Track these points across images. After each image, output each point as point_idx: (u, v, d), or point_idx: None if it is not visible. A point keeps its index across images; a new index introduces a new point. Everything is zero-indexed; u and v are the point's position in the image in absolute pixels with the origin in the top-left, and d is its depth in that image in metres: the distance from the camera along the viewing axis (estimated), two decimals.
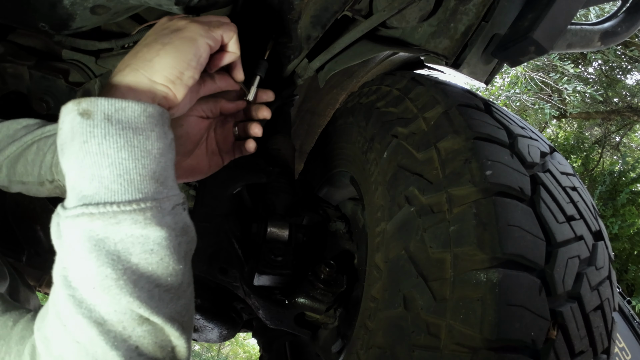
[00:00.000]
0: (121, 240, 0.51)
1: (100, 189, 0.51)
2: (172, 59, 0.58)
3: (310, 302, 0.99)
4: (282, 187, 1.10)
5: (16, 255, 1.37)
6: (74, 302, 0.51)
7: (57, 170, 0.85)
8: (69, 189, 0.53)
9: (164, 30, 0.61)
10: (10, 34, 1.15)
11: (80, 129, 0.51)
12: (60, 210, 0.53)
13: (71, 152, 0.52)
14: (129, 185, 0.52)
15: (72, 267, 0.52)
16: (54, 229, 0.53)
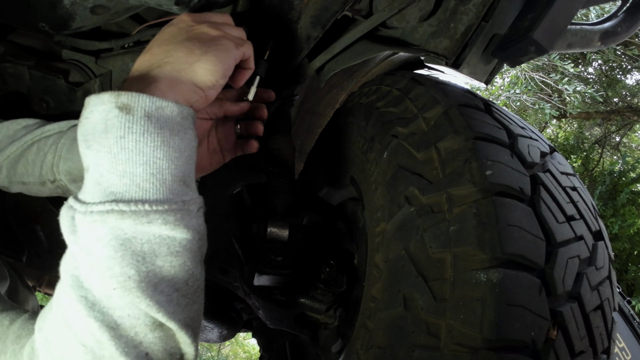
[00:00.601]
0: (148, 240, 0.50)
1: (131, 187, 0.49)
2: (213, 66, 0.58)
3: (310, 302, 0.99)
4: (282, 187, 1.10)
5: (16, 255, 1.37)
6: (86, 304, 0.49)
7: (58, 171, 0.85)
8: (92, 183, 0.50)
9: (196, 33, 0.60)
10: (10, 34, 1.15)
11: (118, 123, 0.49)
12: (77, 204, 0.50)
13: (102, 145, 0.49)
14: (161, 185, 0.50)
15: (87, 266, 0.50)
16: (67, 223, 0.50)
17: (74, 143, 0.85)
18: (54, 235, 1.24)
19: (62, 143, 0.86)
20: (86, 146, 0.51)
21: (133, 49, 1.12)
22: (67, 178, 0.85)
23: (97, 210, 0.48)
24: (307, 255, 1.05)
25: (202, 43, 0.58)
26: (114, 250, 0.48)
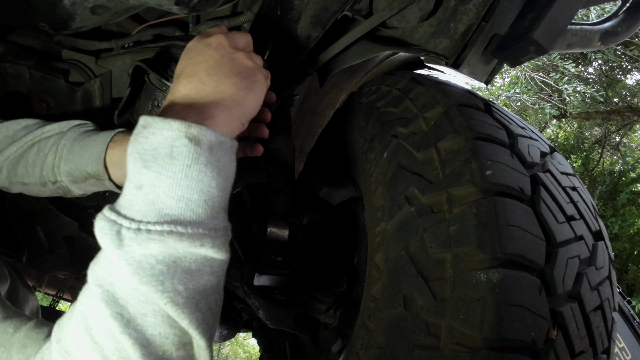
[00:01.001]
0: (195, 260, 0.53)
1: (186, 211, 0.53)
2: (255, 105, 0.64)
3: (310, 302, 0.99)
4: (282, 187, 1.10)
5: (16, 255, 1.37)
6: (121, 321, 0.51)
7: (59, 172, 0.85)
8: (146, 202, 0.53)
9: (238, 65, 0.64)
10: (10, 34, 1.14)
11: (187, 153, 0.53)
12: (123, 220, 0.52)
13: (165, 169, 0.53)
14: (211, 212, 0.55)
15: (128, 283, 0.51)
16: (112, 237, 0.51)
17: (74, 144, 0.85)
18: (54, 235, 1.24)
19: (62, 144, 0.85)
20: (143, 165, 0.53)
21: (133, 49, 1.12)
22: (68, 179, 0.85)
23: (154, 230, 0.51)
24: (307, 255, 1.05)
25: (245, 79, 0.63)
26: (167, 266, 0.51)
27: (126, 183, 0.55)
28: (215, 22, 1.05)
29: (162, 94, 1.01)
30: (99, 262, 0.54)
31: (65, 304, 2.47)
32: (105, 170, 0.82)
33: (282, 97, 1.17)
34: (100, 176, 0.83)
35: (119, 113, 1.05)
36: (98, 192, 1.18)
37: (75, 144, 0.85)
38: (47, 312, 1.69)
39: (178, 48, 1.07)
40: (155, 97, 1.03)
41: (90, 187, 0.87)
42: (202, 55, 0.64)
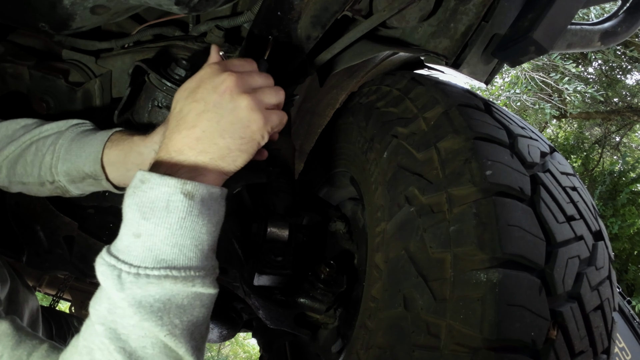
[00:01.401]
0: (187, 296, 0.60)
1: (179, 256, 0.59)
2: (246, 160, 0.67)
3: (310, 302, 0.99)
4: (282, 187, 1.10)
5: (16, 255, 1.37)
6: (124, 354, 0.57)
7: (57, 172, 0.85)
8: (143, 248, 0.58)
9: (238, 119, 0.64)
10: (10, 34, 1.14)
11: (182, 207, 0.59)
12: (122, 265, 0.58)
13: (162, 221, 0.58)
14: (201, 255, 0.61)
15: (129, 320, 0.57)
16: (113, 281, 0.57)
17: (72, 144, 0.85)
18: (54, 235, 1.24)
19: (60, 144, 0.85)
20: (142, 217, 0.59)
21: (133, 48, 1.12)
22: (66, 179, 0.85)
23: (152, 275, 0.57)
24: (307, 255, 1.05)
25: (241, 139, 0.65)
26: (163, 304, 0.58)
27: (123, 230, 0.60)
28: (215, 22, 1.05)
29: (162, 94, 1.01)
30: (99, 301, 0.60)
31: (65, 303, 2.47)
32: (102, 170, 0.82)
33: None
34: (97, 176, 0.83)
35: (118, 113, 1.05)
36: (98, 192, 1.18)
37: (72, 144, 0.85)
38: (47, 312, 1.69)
39: (178, 48, 1.07)
40: (155, 97, 1.03)
41: (88, 187, 0.87)
42: (206, 102, 0.64)
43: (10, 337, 0.68)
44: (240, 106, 0.64)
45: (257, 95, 0.66)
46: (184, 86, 0.68)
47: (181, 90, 0.68)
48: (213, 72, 0.66)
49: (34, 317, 1.34)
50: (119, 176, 0.84)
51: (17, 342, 0.68)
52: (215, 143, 0.63)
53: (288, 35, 0.90)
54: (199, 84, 0.66)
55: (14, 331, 0.69)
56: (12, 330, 0.69)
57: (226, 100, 0.64)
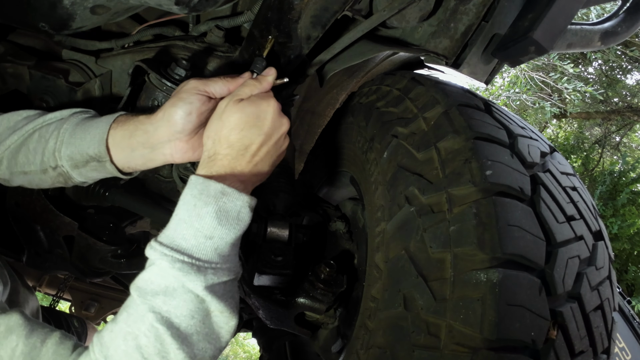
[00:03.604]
0: (224, 285, 0.72)
1: (235, 257, 0.75)
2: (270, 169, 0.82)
3: (310, 302, 0.99)
4: (282, 187, 1.10)
5: (16, 255, 1.37)
6: (179, 339, 0.66)
7: (60, 156, 0.84)
8: (213, 249, 0.70)
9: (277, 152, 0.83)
10: (10, 34, 1.14)
11: (246, 218, 0.75)
12: (203, 263, 0.69)
13: (233, 228, 0.72)
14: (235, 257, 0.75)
15: (182, 309, 0.67)
16: (194, 276, 0.68)
17: (76, 128, 0.85)
18: (54, 235, 1.24)
19: (64, 128, 0.85)
20: (218, 222, 0.71)
21: (133, 48, 1.12)
22: (69, 163, 0.84)
23: (219, 268, 0.71)
24: (307, 255, 1.05)
25: (278, 159, 0.83)
26: (227, 292, 0.73)
27: (194, 233, 0.70)
28: (215, 22, 1.05)
29: (162, 94, 1.01)
30: (153, 291, 0.67)
31: (65, 303, 2.47)
32: (107, 152, 0.82)
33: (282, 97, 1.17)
34: (101, 158, 0.82)
35: None
36: (99, 192, 1.18)
37: (77, 128, 0.85)
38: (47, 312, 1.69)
39: (178, 48, 1.07)
40: (155, 97, 1.03)
41: (91, 172, 0.86)
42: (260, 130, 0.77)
43: (23, 327, 0.69)
44: (283, 136, 0.83)
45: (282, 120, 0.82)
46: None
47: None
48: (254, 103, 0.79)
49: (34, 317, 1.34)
50: (123, 158, 0.83)
51: (31, 331, 0.69)
52: (264, 167, 0.80)
53: (288, 35, 0.90)
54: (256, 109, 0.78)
55: (25, 321, 0.71)
56: (23, 320, 0.71)
57: (278, 136, 0.81)
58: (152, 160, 0.83)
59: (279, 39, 0.91)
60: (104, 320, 2.45)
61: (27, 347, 0.68)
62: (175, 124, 0.78)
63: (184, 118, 0.78)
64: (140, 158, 0.83)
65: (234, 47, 1.08)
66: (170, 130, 0.79)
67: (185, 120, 0.78)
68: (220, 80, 0.81)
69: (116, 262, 1.26)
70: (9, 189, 1.20)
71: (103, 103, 1.15)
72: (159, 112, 0.80)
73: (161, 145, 0.81)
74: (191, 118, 0.78)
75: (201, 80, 0.81)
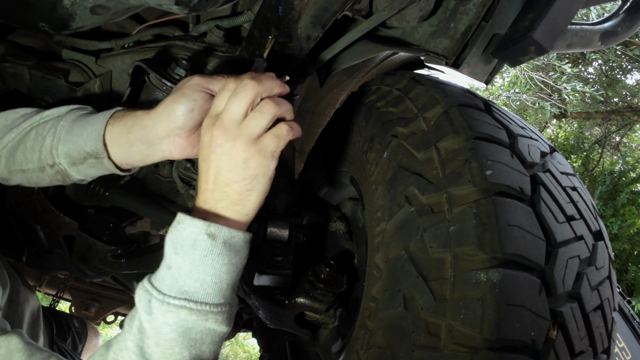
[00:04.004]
0: (201, 331, 0.67)
1: (199, 290, 0.67)
2: (258, 192, 0.72)
3: (310, 302, 0.99)
4: (282, 187, 1.10)
5: (16, 255, 1.37)
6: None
7: (57, 153, 0.83)
8: (171, 279, 0.68)
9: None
10: (10, 34, 1.14)
11: (205, 245, 0.67)
12: (154, 291, 0.67)
13: (188, 256, 0.67)
14: (219, 292, 0.68)
15: (153, 341, 0.66)
16: (144, 304, 0.67)
17: (73, 124, 0.84)
18: (54, 235, 1.24)
19: (61, 125, 0.84)
20: (174, 252, 0.69)
21: (133, 48, 1.12)
22: (67, 161, 0.84)
23: (173, 303, 0.65)
24: (307, 255, 1.05)
25: (245, 180, 0.70)
26: (177, 334, 0.65)
27: (162, 262, 0.70)
28: (215, 22, 1.05)
29: (162, 94, 1.01)
30: (133, 320, 0.69)
31: (65, 303, 2.47)
32: (104, 148, 0.81)
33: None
34: (99, 154, 0.82)
35: None
36: (99, 192, 1.18)
37: (74, 125, 0.84)
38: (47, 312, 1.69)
39: (178, 48, 1.07)
40: (155, 97, 1.03)
41: (89, 169, 0.85)
42: (208, 161, 0.71)
43: (22, 352, 0.70)
44: (231, 154, 0.70)
45: (244, 131, 0.69)
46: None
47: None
48: (205, 132, 0.73)
49: (35, 316, 1.34)
50: (121, 154, 0.83)
51: (30, 356, 0.70)
52: (225, 191, 0.71)
53: (288, 35, 0.90)
54: (202, 145, 0.73)
55: (25, 345, 0.71)
56: (22, 344, 0.71)
57: (218, 154, 0.70)
58: (150, 156, 0.83)
59: (279, 39, 0.91)
60: (104, 320, 2.45)
61: None
62: (176, 120, 0.78)
63: (185, 114, 0.78)
64: (138, 154, 0.82)
65: (234, 47, 1.08)
66: (170, 126, 0.78)
67: (186, 117, 0.78)
68: (223, 79, 0.80)
69: (116, 262, 1.26)
70: (8, 188, 1.20)
71: (103, 103, 1.15)
72: (159, 107, 0.80)
73: (159, 141, 0.80)
74: (193, 115, 0.78)
75: (205, 77, 0.80)
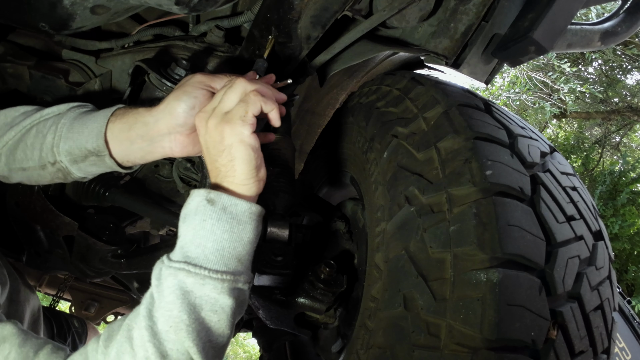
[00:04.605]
0: (200, 296, 0.67)
1: (200, 255, 0.68)
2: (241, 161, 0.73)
3: (310, 302, 0.99)
4: (282, 187, 1.10)
5: (16, 255, 1.37)
6: (150, 332, 0.65)
7: (58, 151, 0.83)
8: (178, 246, 0.70)
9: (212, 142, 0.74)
10: (10, 34, 1.14)
11: (204, 210, 0.69)
12: (166, 259, 0.69)
13: (191, 223, 0.69)
14: (220, 259, 0.68)
15: (158, 305, 0.66)
16: (156, 272, 0.69)
17: (74, 122, 0.84)
18: (54, 235, 1.24)
19: (62, 123, 0.84)
20: (182, 222, 0.71)
21: (133, 48, 1.12)
22: (68, 159, 0.84)
23: (174, 266, 0.67)
24: (307, 255, 1.05)
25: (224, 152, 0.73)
26: (175, 297, 0.66)
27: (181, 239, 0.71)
28: (215, 22, 1.05)
29: (162, 94, 1.01)
30: (148, 291, 0.70)
31: (65, 303, 2.47)
32: (105, 145, 0.81)
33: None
34: (100, 152, 0.82)
35: None
36: (99, 192, 1.18)
37: (75, 122, 0.84)
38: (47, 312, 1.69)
39: (178, 48, 1.07)
40: (155, 97, 1.03)
41: (90, 166, 0.85)
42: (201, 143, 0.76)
43: (16, 336, 0.71)
44: (209, 131, 0.73)
45: (216, 111, 0.74)
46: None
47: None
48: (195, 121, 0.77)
49: (35, 316, 1.34)
50: (122, 151, 0.83)
51: (24, 340, 0.71)
52: (215, 167, 0.74)
53: (288, 35, 0.90)
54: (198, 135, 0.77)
55: (19, 331, 0.72)
56: (17, 330, 0.72)
57: (203, 136, 0.75)
58: (151, 153, 0.83)
59: (279, 39, 0.91)
60: (104, 320, 2.45)
61: (20, 355, 0.69)
62: (178, 117, 0.78)
63: (186, 112, 0.78)
64: (139, 151, 0.82)
65: (234, 47, 1.08)
66: (171, 123, 0.79)
67: (187, 114, 0.78)
68: (225, 78, 0.81)
69: (116, 262, 1.26)
70: (9, 188, 1.21)
71: (103, 103, 1.15)
72: (161, 105, 0.80)
73: (160, 138, 0.81)
74: (194, 112, 0.78)
75: (207, 75, 0.81)
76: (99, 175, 0.90)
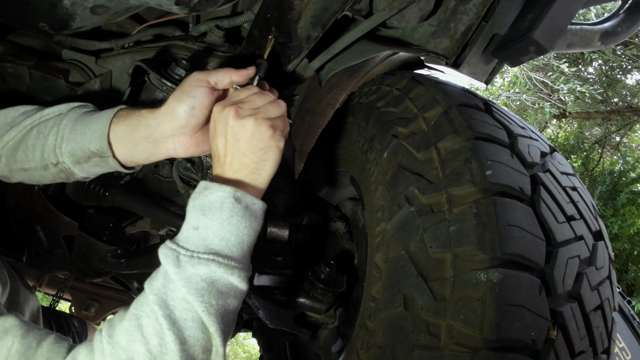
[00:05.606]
0: (225, 284, 0.71)
1: (225, 248, 0.72)
2: (272, 163, 0.79)
3: (310, 302, 0.99)
4: (282, 187, 1.10)
5: (16, 255, 1.37)
6: (169, 320, 0.67)
7: (61, 152, 0.83)
8: (198, 238, 0.72)
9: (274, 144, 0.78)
10: (10, 34, 1.14)
11: (231, 208, 0.73)
12: (183, 250, 0.71)
13: (216, 217, 0.73)
14: (241, 251, 0.74)
15: (181, 292, 0.68)
16: (173, 260, 0.70)
17: (76, 123, 0.84)
18: (54, 235, 1.24)
19: (64, 124, 0.84)
20: (202, 214, 0.73)
21: (133, 48, 1.12)
22: (71, 160, 0.84)
23: (203, 257, 0.70)
24: (307, 255, 1.05)
25: (261, 151, 0.77)
26: (207, 284, 0.69)
27: (185, 225, 0.74)
28: (215, 22, 1.05)
29: (162, 94, 1.01)
30: (156, 278, 0.71)
31: (65, 303, 2.47)
32: (109, 147, 0.81)
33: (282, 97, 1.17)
34: (103, 153, 0.82)
35: None
36: (99, 192, 1.18)
37: (77, 123, 0.84)
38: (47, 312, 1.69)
39: (178, 48, 1.07)
40: (155, 97, 1.03)
41: (93, 167, 0.85)
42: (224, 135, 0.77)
43: (19, 327, 0.71)
44: (247, 126, 0.76)
45: (260, 113, 0.77)
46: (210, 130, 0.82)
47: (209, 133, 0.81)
48: (220, 110, 0.78)
49: (34, 316, 1.34)
50: (125, 152, 0.83)
51: (27, 331, 0.70)
52: (242, 162, 0.77)
53: (288, 35, 0.90)
54: (214, 124, 0.79)
55: (21, 322, 0.72)
56: (19, 322, 0.72)
57: (237, 127, 0.76)
58: (155, 155, 0.83)
59: (279, 39, 0.91)
60: (104, 320, 2.45)
61: (23, 346, 0.69)
62: (179, 119, 0.79)
63: (187, 113, 0.79)
64: (143, 152, 0.83)
65: (234, 47, 1.08)
66: (174, 125, 0.79)
67: (189, 115, 0.79)
68: (222, 70, 0.82)
69: (116, 262, 1.26)
70: (9, 188, 1.20)
71: (103, 103, 1.15)
72: (163, 107, 0.80)
73: (164, 140, 0.81)
74: (195, 112, 0.79)
75: (204, 72, 0.81)
76: (99, 175, 0.90)
